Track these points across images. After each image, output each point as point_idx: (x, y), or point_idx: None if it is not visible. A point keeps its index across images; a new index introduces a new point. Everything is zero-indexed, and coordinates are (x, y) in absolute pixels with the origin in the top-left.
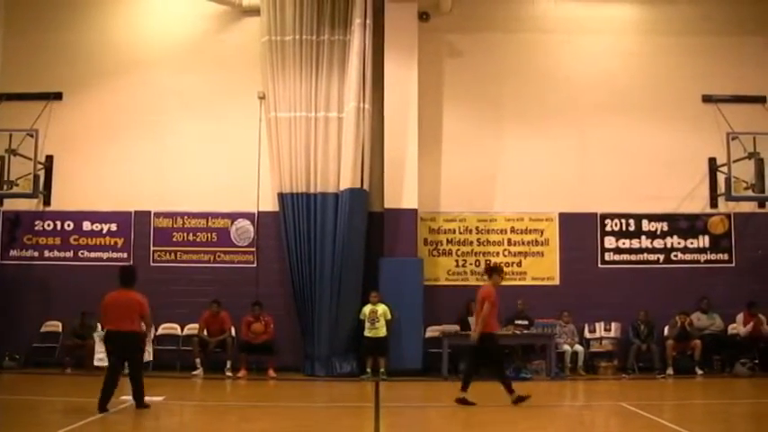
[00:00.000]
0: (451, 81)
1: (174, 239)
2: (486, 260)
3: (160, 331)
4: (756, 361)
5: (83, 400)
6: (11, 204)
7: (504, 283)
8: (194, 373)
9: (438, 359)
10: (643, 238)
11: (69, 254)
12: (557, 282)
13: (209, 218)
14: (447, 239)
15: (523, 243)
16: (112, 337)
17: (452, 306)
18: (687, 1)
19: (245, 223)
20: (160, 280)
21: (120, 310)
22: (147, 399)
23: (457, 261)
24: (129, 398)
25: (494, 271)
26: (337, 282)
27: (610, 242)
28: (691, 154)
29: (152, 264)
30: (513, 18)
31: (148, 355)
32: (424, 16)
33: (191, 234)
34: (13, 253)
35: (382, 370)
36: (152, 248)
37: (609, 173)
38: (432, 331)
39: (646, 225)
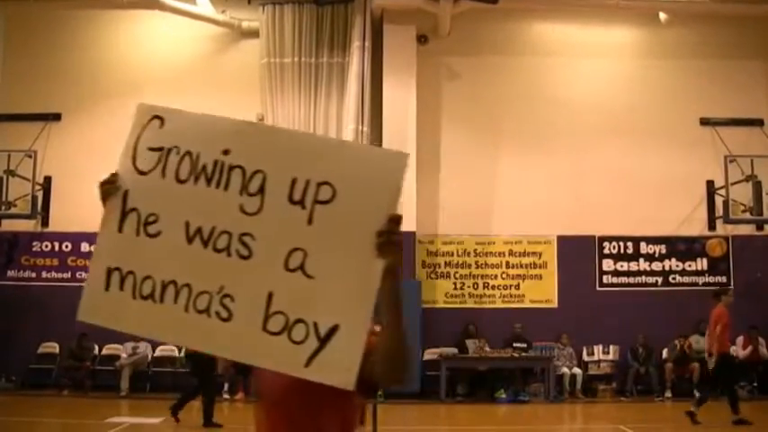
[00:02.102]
0: (450, 103)
1: None
2: (484, 282)
3: (158, 353)
4: (755, 384)
5: (80, 422)
6: (9, 225)
7: (501, 305)
8: None
9: (436, 382)
10: (641, 260)
11: (67, 275)
12: (555, 304)
13: None
14: (445, 262)
15: (521, 266)
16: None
17: (450, 329)
18: (684, 25)
19: None
20: None
21: None
22: (144, 420)
23: (455, 284)
24: (122, 419)
25: (723, 292)
26: None
27: (608, 265)
28: (688, 177)
29: None
30: (511, 41)
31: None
32: (422, 39)
33: None
34: (10, 273)
35: (380, 393)
36: None
37: (607, 195)
38: (429, 354)
39: (644, 248)
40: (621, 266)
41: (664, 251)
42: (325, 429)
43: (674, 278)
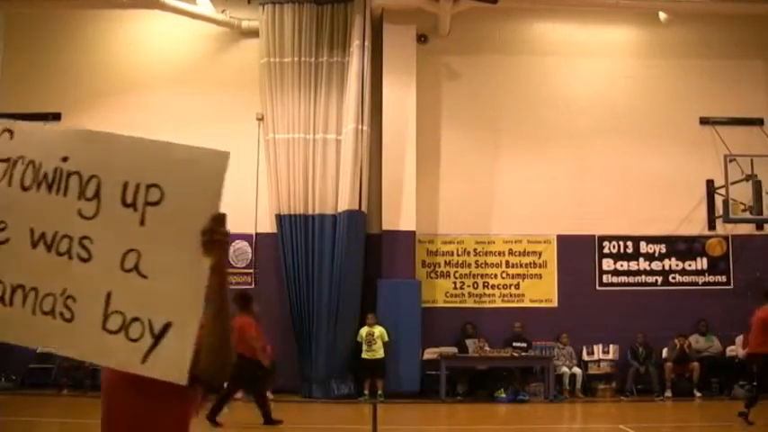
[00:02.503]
0: (449, 103)
1: None
2: (483, 282)
3: None
4: (755, 384)
5: (79, 422)
6: None
7: (501, 305)
8: None
9: (435, 381)
10: (641, 260)
11: None
12: (555, 304)
13: None
14: (445, 261)
15: (521, 265)
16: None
17: (450, 328)
18: (684, 24)
19: (242, 245)
20: None
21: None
22: None
23: (455, 283)
24: None
25: None
26: (335, 303)
27: (608, 264)
28: (688, 176)
29: None
30: (511, 40)
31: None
32: (422, 38)
33: None
34: None
35: (380, 392)
36: None
37: (607, 195)
38: (429, 353)
39: (644, 247)
40: (621, 266)
41: (664, 251)
42: (160, 422)
43: (673, 277)
